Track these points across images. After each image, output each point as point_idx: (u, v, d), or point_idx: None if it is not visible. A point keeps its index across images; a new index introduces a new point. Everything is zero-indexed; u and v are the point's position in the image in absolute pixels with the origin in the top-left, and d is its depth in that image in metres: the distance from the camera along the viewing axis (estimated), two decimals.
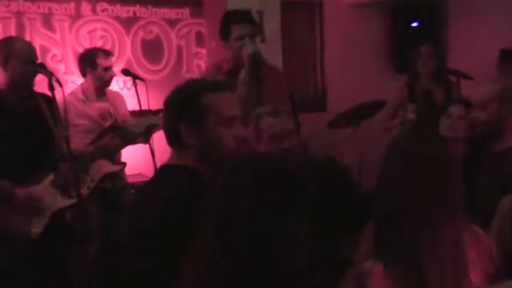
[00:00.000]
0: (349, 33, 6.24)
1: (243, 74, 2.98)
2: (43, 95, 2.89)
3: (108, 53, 4.01)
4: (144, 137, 3.42)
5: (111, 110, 3.87)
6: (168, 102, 1.76)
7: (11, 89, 2.84)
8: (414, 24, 5.84)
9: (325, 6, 6.24)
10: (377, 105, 4.58)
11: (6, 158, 2.73)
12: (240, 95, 2.95)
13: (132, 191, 4.41)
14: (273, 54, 3.96)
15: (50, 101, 2.93)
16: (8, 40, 3.07)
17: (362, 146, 4.72)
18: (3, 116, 2.78)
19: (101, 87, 3.90)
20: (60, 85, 2.84)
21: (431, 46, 4.47)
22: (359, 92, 5.65)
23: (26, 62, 2.80)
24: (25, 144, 2.79)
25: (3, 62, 2.81)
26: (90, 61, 3.86)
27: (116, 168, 3.47)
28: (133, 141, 3.49)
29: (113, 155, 3.60)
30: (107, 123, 3.76)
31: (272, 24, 3.97)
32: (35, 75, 2.84)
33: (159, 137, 3.57)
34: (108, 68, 3.88)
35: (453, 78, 4.38)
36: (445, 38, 5.80)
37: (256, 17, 3.89)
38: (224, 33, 3.12)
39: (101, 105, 3.85)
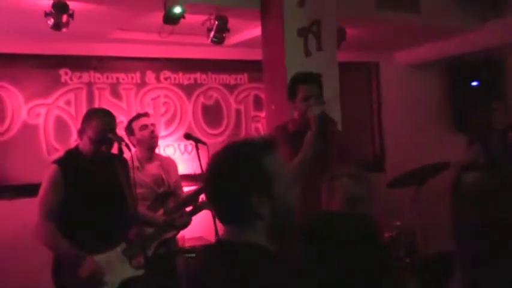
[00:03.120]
0: (407, 93, 6.24)
1: (309, 136, 3.00)
2: (118, 156, 2.94)
3: (140, 115, 4.04)
4: None
5: (164, 176, 3.90)
6: (224, 171, 1.48)
7: (90, 155, 2.93)
8: (474, 84, 5.78)
9: (381, 66, 6.30)
10: (441, 167, 4.48)
11: (83, 223, 2.81)
12: (306, 156, 2.97)
13: (193, 255, 4.44)
14: (332, 116, 3.98)
15: (124, 162, 3.04)
16: (90, 111, 3.18)
17: (424, 207, 4.60)
18: (83, 181, 2.87)
19: (148, 149, 3.87)
20: (129, 149, 2.97)
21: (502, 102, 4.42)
22: (418, 152, 5.58)
23: (106, 131, 2.88)
24: (101, 210, 2.85)
25: (83, 130, 2.92)
26: (128, 127, 3.92)
27: None
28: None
29: (181, 230, 3.67)
30: (161, 190, 3.83)
31: (331, 86, 4.02)
32: (110, 145, 2.93)
33: None
34: (144, 127, 3.85)
35: None
36: (506, 97, 5.69)
37: None
38: (291, 93, 3.17)
39: (154, 171, 3.87)
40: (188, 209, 3.61)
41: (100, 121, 2.90)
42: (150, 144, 3.88)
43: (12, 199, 4.51)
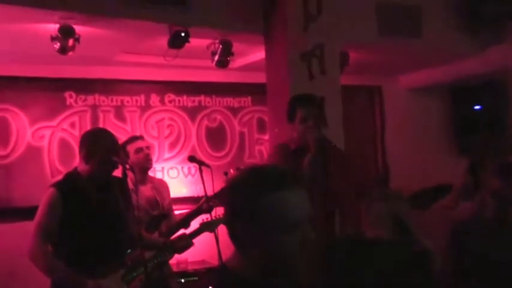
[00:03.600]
0: (409, 117, 6.26)
1: (308, 158, 3.03)
2: (118, 179, 2.87)
3: (135, 137, 4.01)
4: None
5: (158, 199, 3.88)
6: (228, 193, 1.45)
7: (91, 178, 2.84)
8: (477, 107, 5.80)
9: (384, 90, 6.34)
10: (443, 190, 4.47)
11: (81, 248, 2.74)
12: (305, 175, 2.99)
13: (196, 278, 4.41)
14: (335, 139, 3.99)
15: (123, 183, 2.94)
16: (93, 133, 3.08)
17: (429, 231, 4.57)
18: (81, 206, 2.79)
19: (141, 172, 3.81)
20: (133, 172, 2.95)
21: None
22: (421, 175, 5.57)
23: (109, 154, 2.80)
24: (100, 233, 2.78)
25: (87, 154, 2.82)
26: (123, 151, 3.89)
27: None
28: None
29: (181, 252, 3.63)
30: (155, 212, 3.79)
31: (334, 110, 4.05)
32: (115, 168, 2.85)
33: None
34: (139, 150, 3.82)
35: None
36: (509, 120, 5.71)
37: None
38: (290, 115, 3.20)
39: (148, 193, 3.83)
40: (188, 231, 3.60)
41: (109, 143, 2.86)
42: (144, 167, 3.84)
43: (15, 222, 4.49)
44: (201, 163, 3.86)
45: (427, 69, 5.88)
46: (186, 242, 3.46)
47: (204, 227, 3.53)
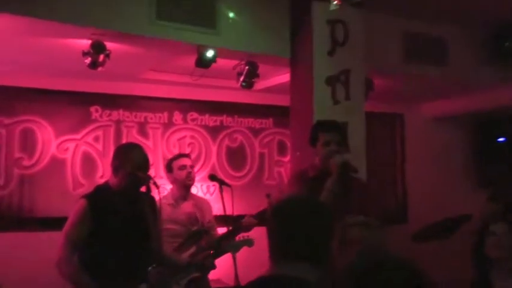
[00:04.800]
0: (431, 146, 6.24)
1: (330, 182, 3.02)
2: (146, 194, 2.90)
3: (181, 155, 4.14)
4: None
5: (198, 215, 3.96)
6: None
7: (120, 192, 2.88)
8: (500, 140, 5.76)
9: (406, 118, 6.33)
10: (463, 220, 4.43)
11: (107, 259, 2.77)
12: (325, 201, 2.97)
13: None
14: (358, 165, 3.98)
15: (152, 199, 2.99)
16: (124, 147, 3.15)
17: (449, 261, 4.52)
18: (111, 217, 2.83)
19: (184, 188, 3.96)
20: (157, 187, 2.91)
21: None
22: (440, 205, 5.53)
23: (135, 170, 2.84)
24: (126, 247, 2.81)
25: (116, 167, 2.87)
26: (168, 165, 4.03)
27: None
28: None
29: (205, 272, 3.70)
30: (194, 228, 3.88)
31: (357, 135, 4.05)
32: (141, 184, 2.89)
33: None
34: (182, 167, 3.94)
35: None
36: None
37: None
38: (313, 139, 3.23)
39: (189, 209, 3.94)
40: (211, 252, 3.63)
41: (137, 158, 2.89)
42: (186, 184, 3.96)
43: (37, 231, 4.56)
44: (221, 182, 3.91)
45: (451, 98, 5.88)
46: (208, 262, 3.51)
47: (228, 248, 3.57)
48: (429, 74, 4.90)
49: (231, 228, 3.77)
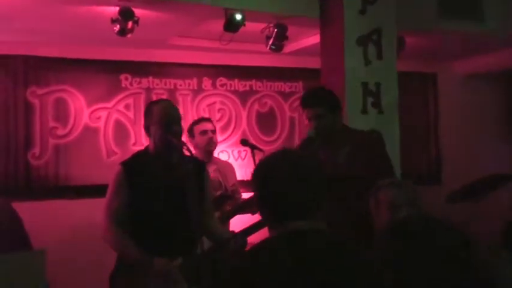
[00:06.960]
0: (463, 104, 6.10)
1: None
2: (196, 161, 2.73)
3: (203, 119, 4.10)
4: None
5: (221, 180, 3.92)
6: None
7: (157, 155, 2.71)
8: None
9: (439, 77, 6.19)
10: (501, 179, 4.35)
11: (146, 226, 2.62)
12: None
13: None
14: (390, 125, 3.93)
15: (200, 166, 2.81)
16: (149, 104, 2.91)
17: (485, 223, 4.46)
18: (146, 183, 2.65)
19: (205, 153, 3.89)
20: (191, 153, 2.68)
21: None
22: (475, 164, 5.43)
23: (163, 125, 2.63)
24: (167, 214, 2.62)
25: (146, 127, 2.72)
26: (190, 130, 3.99)
27: None
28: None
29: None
30: (217, 193, 3.82)
31: (390, 95, 3.98)
32: (171, 146, 2.63)
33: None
34: (204, 132, 3.91)
35: None
36: None
37: (373, 89, 3.94)
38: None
39: (212, 174, 3.68)
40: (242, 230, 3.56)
41: (159, 117, 2.67)
42: (207, 150, 3.94)
43: (73, 199, 4.67)
44: (253, 147, 3.90)
45: (485, 55, 5.70)
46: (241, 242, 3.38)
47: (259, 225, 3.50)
48: (464, 29, 4.74)
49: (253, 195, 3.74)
